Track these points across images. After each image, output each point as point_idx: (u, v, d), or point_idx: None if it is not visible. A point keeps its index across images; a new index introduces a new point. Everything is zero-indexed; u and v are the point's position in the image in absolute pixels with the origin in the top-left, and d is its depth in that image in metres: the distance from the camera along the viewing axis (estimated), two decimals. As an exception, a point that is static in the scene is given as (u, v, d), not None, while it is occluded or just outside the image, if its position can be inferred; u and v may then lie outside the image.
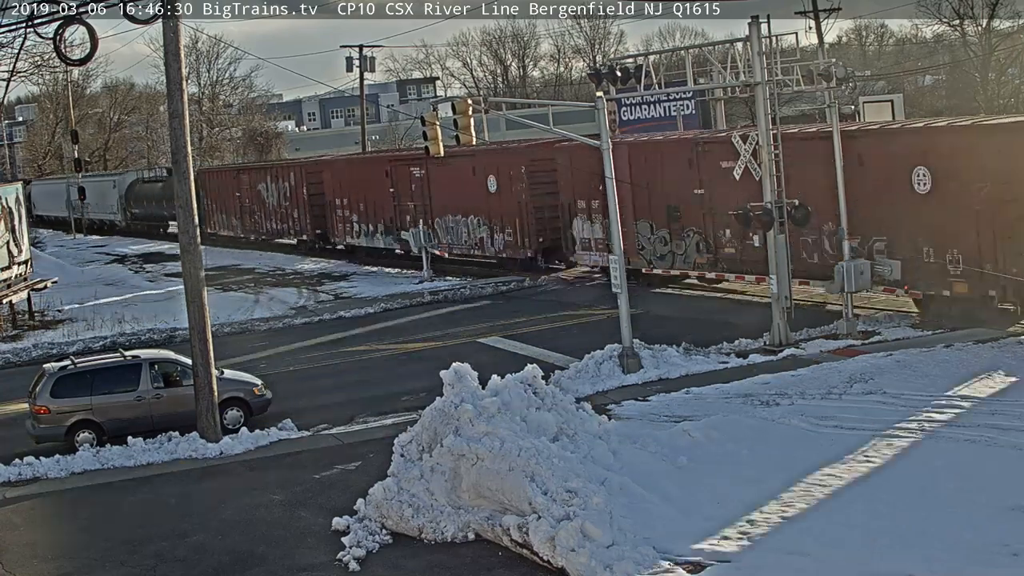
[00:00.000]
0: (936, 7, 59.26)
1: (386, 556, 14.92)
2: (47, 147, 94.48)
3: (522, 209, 37.62)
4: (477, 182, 39.20)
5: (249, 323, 34.11)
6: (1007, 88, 58.22)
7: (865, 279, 25.36)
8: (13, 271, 35.90)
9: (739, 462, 16.55)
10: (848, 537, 13.81)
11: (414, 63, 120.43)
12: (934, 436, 17.03)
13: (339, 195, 47.85)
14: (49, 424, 21.31)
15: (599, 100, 23.91)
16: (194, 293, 21.48)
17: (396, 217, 43.89)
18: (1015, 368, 20.56)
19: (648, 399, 20.83)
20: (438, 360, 22.36)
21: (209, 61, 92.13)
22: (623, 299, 23.37)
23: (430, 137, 23.76)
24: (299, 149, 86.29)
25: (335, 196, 48.15)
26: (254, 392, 22.35)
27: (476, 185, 39.23)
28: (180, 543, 16.15)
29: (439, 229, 41.48)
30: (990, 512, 14.11)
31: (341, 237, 48.17)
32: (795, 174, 25.35)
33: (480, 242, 39.88)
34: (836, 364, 22.02)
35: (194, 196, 21.61)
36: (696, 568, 13.47)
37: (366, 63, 65.10)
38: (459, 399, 16.16)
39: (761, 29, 24.04)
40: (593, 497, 14.46)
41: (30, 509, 18.37)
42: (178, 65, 21.27)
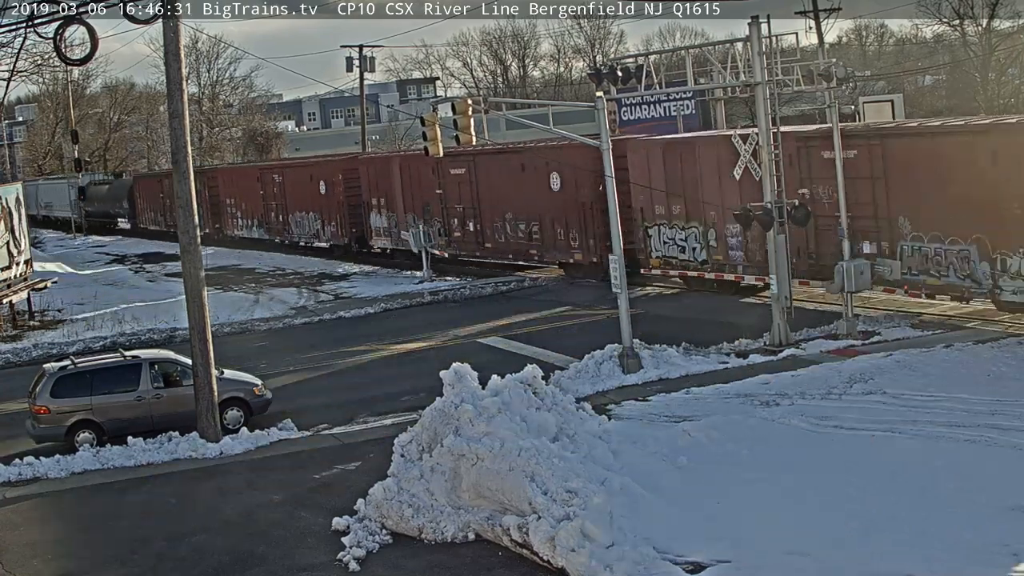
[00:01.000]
0: (936, 7, 59.36)
1: (386, 556, 14.93)
2: (47, 147, 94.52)
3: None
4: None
5: (249, 323, 34.11)
6: (1007, 88, 58.25)
7: (865, 279, 25.36)
8: (13, 271, 35.90)
9: (739, 462, 16.56)
10: (848, 537, 13.81)
11: (414, 63, 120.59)
12: (934, 436, 17.03)
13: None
14: (49, 424, 21.30)
15: (599, 100, 23.91)
16: (194, 293, 21.49)
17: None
18: (1015, 368, 20.57)
19: (648, 399, 20.82)
20: (438, 360, 22.36)
21: (209, 61, 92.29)
22: (623, 299, 23.37)
23: (430, 137, 23.75)
24: (299, 149, 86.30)
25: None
26: (254, 392, 22.35)
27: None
28: (180, 543, 16.15)
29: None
30: (990, 512, 14.12)
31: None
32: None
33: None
34: (836, 364, 22.02)
35: (194, 196, 21.60)
36: (696, 568, 13.48)
37: (366, 63, 65.13)
38: (459, 399, 16.16)
39: (761, 29, 24.04)
40: (593, 497, 14.46)
41: (30, 509, 18.36)
42: (178, 65, 21.28)
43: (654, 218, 32.43)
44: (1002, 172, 23.30)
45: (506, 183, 37.64)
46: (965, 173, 23.78)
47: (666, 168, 31.56)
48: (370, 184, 45.00)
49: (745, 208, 24.71)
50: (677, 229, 31.54)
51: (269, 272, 46.87)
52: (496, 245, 38.67)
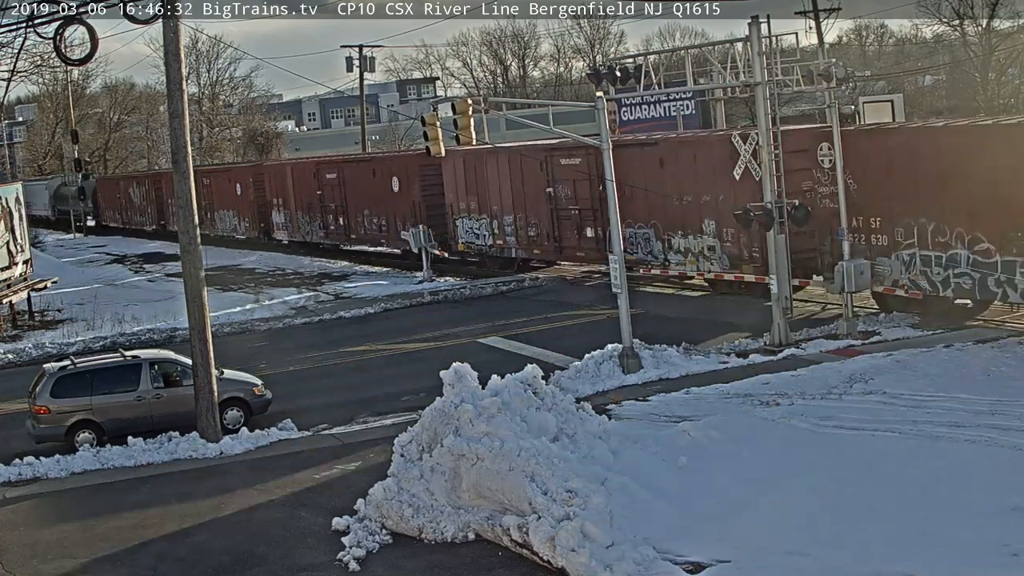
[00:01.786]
0: (936, 7, 59.37)
1: (386, 556, 14.93)
2: (47, 147, 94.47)
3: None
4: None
5: (249, 323, 34.11)
6: (1007, 88, 58.26)
7: (865, 279, 25.37)
8: (13, 271, 35.90)
9: (739, 462, 16.55)
10: (848, 537, 13.81)
11: (414, 63, 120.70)
12: (934, 436, 17.02)
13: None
14: (49, 424, 21.31)
15: (599, 100, 23.91)
16: (194, 293, 21.49)
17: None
18: (1015, 368, 20.57)
19: (648, 399, 20.82)
20: (438, 360, 22.35)
21: (209, 61, 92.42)
22: (623, 299, 23.37)
23: (430, 137, 23.75)
24: (299, 149, 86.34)
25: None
26: (254, 392, 22.35)
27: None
28: (180, 543, 16.15)
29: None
30: (990, 512, 14.11)
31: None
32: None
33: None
34: (836, 364, 22.02)
35: (194, 196, 21.61)
36: (696, 568, 13.48)
37: (366, 63, 65.14)
38: (459, 399, 16.16)
39: (761, 29, 24.04)
40: (593, 497, 14.46)
41: (30, 509, 18.36)
42: (178, 65, 21.28)
43: (459, 212, 40.16)
44: (668, 174, 31.48)
45: (364, 186, 45.10)
46: (647, 176, 31.81)
47: (466, 174, 39.73)
48: (271, 187, 53.28)
49: (746, 208, 24.71)
50: (474, 220, 39.43)
51: (269, 272, 46.91)
52: (359, 235, 46.51)
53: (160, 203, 64.92)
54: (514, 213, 37.83)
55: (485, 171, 38.75)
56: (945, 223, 24.11)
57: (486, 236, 39.11)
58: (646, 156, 32.27)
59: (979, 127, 24.86)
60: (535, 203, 36.79)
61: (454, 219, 40.32)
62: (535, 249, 37.53)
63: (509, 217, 37.98)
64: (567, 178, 35.32)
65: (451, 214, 40.49)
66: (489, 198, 38.68)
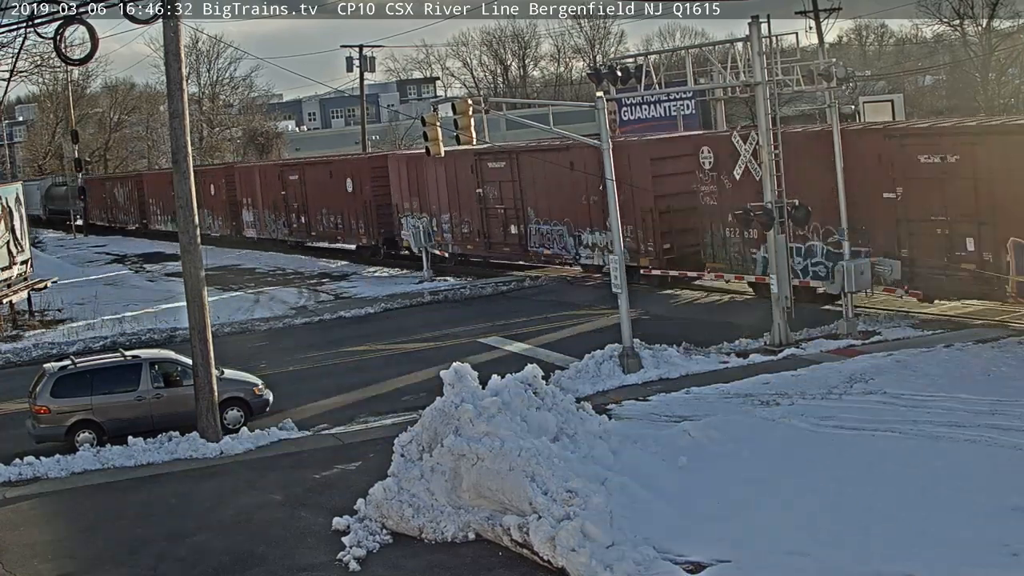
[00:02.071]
0: (936, 7, 59.39)
1: (386, 556, 14.93)
2: (47, 147, 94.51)
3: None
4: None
5: (249, 323, 34.12)
6: (1007, 88, 58.27)
7: (865, 279, 25.37)
8: (13, 271, 35.90)
9: (739, 462, 16.55)
10: (848, 537, 13.81)
11: (414, 63, 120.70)
12: (934, 436, 17.03)
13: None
14: (49, 424, 21.30)
15: (599, 100, 23.91)
16: (194, 293, 21.49)
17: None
18: (1015, 368, 20.57)
19: (648, 399, 20.82)
20: (438, 360, 22.36)
21: (209, 61, 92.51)
22: (623, 299, 23.38)
23: (430, 137, 23.75)
24: (299, 149, 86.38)
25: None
26: (254, 392, 22.34)
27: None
28: (180, 543, 16.15)
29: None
30: (990, 512, 14.11)
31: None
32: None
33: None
34: (836, 364, 22.02)
35: (194, 196, 21.61)
36: (696, 568, 13.48)
37: (366, 63, 65.17)
38: (459, 399, 16.16)
39: (761, 29, 24.04)
40: (593, 497, 14.46)
41: (30, 509, 18.36)
42: (178, 65, 21.28)
43: (404, 211, 42.71)
44: (578, 176, 33.98)
45: (322, 187, 48.31)
46: (562, 178, 35.09)
47: (409, 176, 42.52)
48: (241, 187, 56.36)
49: (746, 208, 24.73)
50: (421, 219, 41.52)
51: (269, 272, 46.93)
52: (318, 232, 49.61)
53: (142, 203, 68.05)
54: (450, 212, 40.68)
55: (425, 174, 41.50)
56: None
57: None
58: (559, 159, 34.72)
59: (825, 133, 26.48)
60: (468, 203, 39.73)
61: (399, 218, 43.02)
62: (468, 245, 40.51)
63: (446, 216, 40.87)
64: (494, 180, 38.42)
65: (397, 213, 43.38)
66: (429, 198, 41.67)
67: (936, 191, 24.68)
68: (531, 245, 37.16)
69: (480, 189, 38.84)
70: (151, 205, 66.62)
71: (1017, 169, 23.18)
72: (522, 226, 37.33)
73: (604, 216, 31.05)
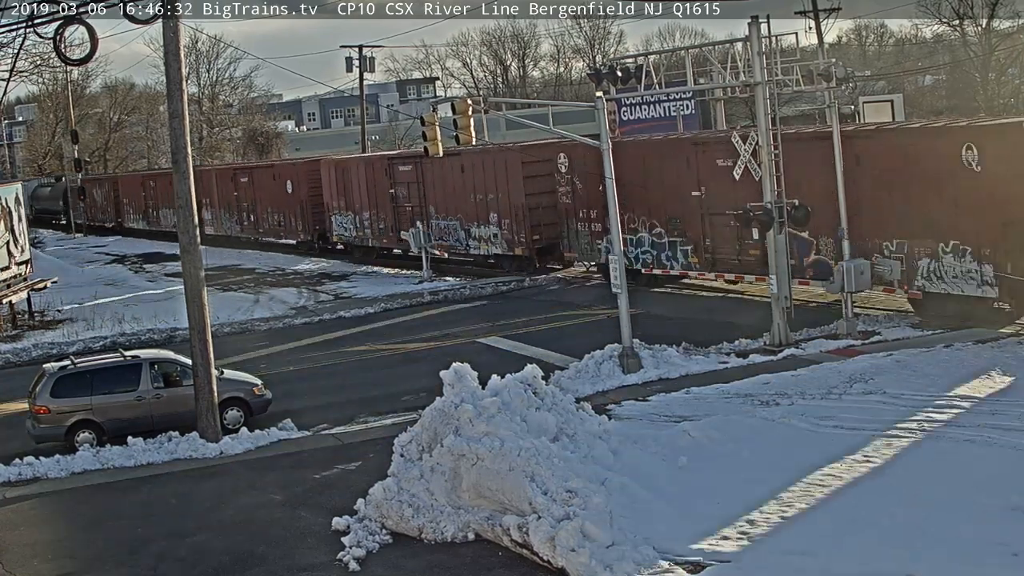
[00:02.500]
0: (936, 7, 59.30)
1: (386, 556, 14.93)
2: (47, 147, 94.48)
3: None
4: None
5: (249, 323, 34.12)
6: (1007, 88, 58.23)
7: (865, 279, 25.37)
8: (13, 271, 35.89)
9: (739, 462, 16.55)
10: (848, 537, 13.81)
11: (414, 63, 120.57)
12: (934, 436, 17.03)
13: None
14: (49, 424, 21.31)
15: (599, 100, 23.91)
16: (194, 293, 21.49)
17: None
18: (1015, 368, 20.57)
19: (648, 399, 20.82)
20: (438, 360, 22.34)
21: (209, 61, 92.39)
22: (623, 299, 23.37)
23: (430, 137, 23.76)
24: (299, 149, 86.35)
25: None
26: (254, 392, 22.35)
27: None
28: (180, 543, 16.15)
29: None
30: (990, 512, 14.12)
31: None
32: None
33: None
34: (836, 364, 22.02)
35: (194, 196, 21.61)
36: (696, 568, 13.48)
37: (366, 63, 65.08)
38: (459, 399, 16.16)
39: (761, 29, 24.04)
40: (593, 497, 14.46)
41: (30, 509, 18.36)
42: (178, 65, 21.28)
43: (334, 209, 47.77)
44: (468, 177, 38.86)
45: (267, 188, 53.51)
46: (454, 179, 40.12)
47: (337, 178, 47.47)
48: (200, 188, 65.02)
49: (746, 208, 24.73)
50: (344, 216, 46.92)
51: (269, 272, 46.94)
52: (265, 229, 54.46)
53: (117, 203, 73.06)
54: (370, 210, 45.40)
55: (350, 176, 46.60)
56: (635, 214, 32.48)
57: (352, 229, 46.86)
58: (453, 163, 39.44)
59: (653, 142, 32.86)
60: (383, 202, 44.51)
61: (330, 215, 48.14)
62: (383, 239, 45.11)
63: (366, 213, 45.62)
64: (404, 182, 43.20)
65: (328, 211, 48.37)
66: (353, 199, 46.46)
67: (729, 189, 28.33)
68: (434, 237, 41.71)
69: (392, 190, 43.77)
70: (125, 205, 72.06)
71: (809, 168, 26.26)
72: (425, 221, 41.74)
73: (488, 213, 38.69)
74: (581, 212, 34.95)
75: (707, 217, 30.65)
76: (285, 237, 53.04)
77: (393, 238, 44.04)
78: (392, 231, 43.91)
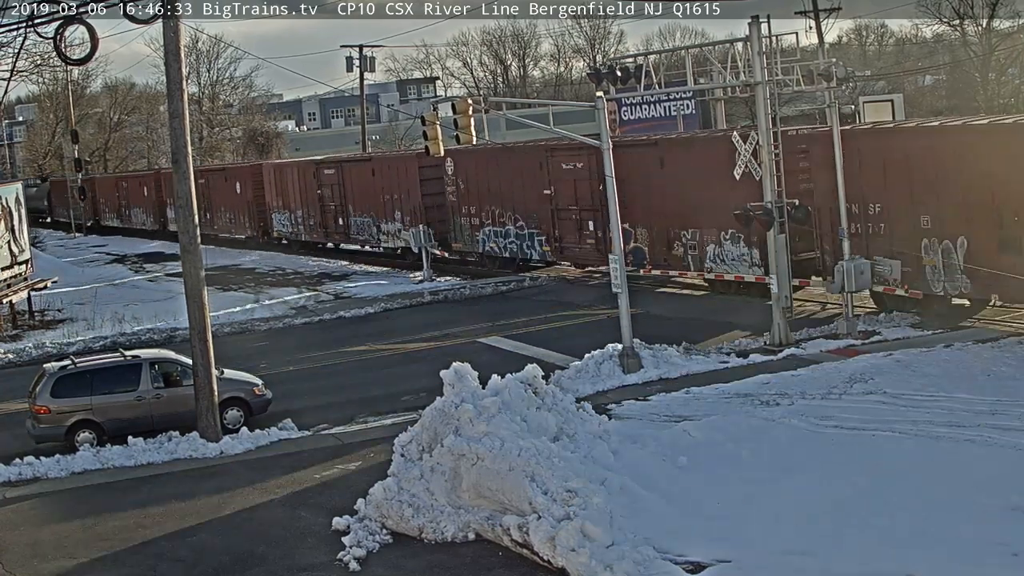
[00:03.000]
0: (936, 7, 59.34)
1: (386, 556, 14.93)
2: (47, 147, 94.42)
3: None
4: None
5: (249, 323, 34.10)
6: (1007, 88, 58.24)
7: (865, 279, 25.38)
8: (13, 271, 35.88)
9: (739, 462, 16.55)
10: (848, 537, 13.81)
11: (414, 63, 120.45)
12: (934, 436, 17.03)
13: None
14: (49, 424, 21.30)
15: (599, 100, 23.89)
16: (194, 293, 21.48)
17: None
18: (1015, 368, 20.57)
19: (648, 399, 20.82)
20: (438, 360, 22.33)
21: (209, 61, 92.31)
22: (623, 299, 23.37)
23: (430, 137, 23.75)
24: (299, 149, 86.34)
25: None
26: (254, 392, 22.34)
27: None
28: (180, 543, 16.15)
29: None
30: (990, 512, 14.12)
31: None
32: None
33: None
34: (836, 364, 22.01)
35: (194, 196, 21.61)
36: (696, 568, 13.48)
37: (366, 63, 65.09)
38: (459, 399, 16.16)
39: (761, 29, 24.04)
40: (593, 497, 14.46)
41: (30, 509, 18.36)
42: (178, 65, 21.28)
43: (274, 208, 53.80)
44: (378, 180, 45.32)
45: (220, 189, 58.85)
46: (365, 183, 46.11)
47: (276, 180, 53.60)
48: (165, 189, 64.81)
49: (746, 208, 24.73)
50: (284, 214, 53.11)
51: (269, 272, 46.96)
52: (219, 226, 58.72)
53: (95, 202, 78.25)
54: (302, 208, 51.48)
55: (286, 179, 52.88)
56: (503, 210, 38.70)
57: (288, 225, 52.90)
58: (367, 168, 46.96)
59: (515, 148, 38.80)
60: (312, 202, 50.42)
61: (271, 213, 54.59)
62: (314, 234, 51.10)
63: (300, 211, 51.75)
64: (328, 184, 49.16)
65: (269, 210, 54.55)
66: (289, 198, 52.67)
67: (571, 189, 35.53)
68: (351, 232, 47.85)
69: (319, 191, 49.78)
70: (101, 204, 78.34)
71: (631, 171, 30.97)
72: (345, 218, 47.92)
73: (394, 211, 44.52)
74: (464, 209, 40.73)
75: (555, 213, 36.36)
76: (235, 233, 57.96)
77: (321, 232, 50.49)
78: (320, 227, 50.33)
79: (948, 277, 24.58)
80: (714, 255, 30.52)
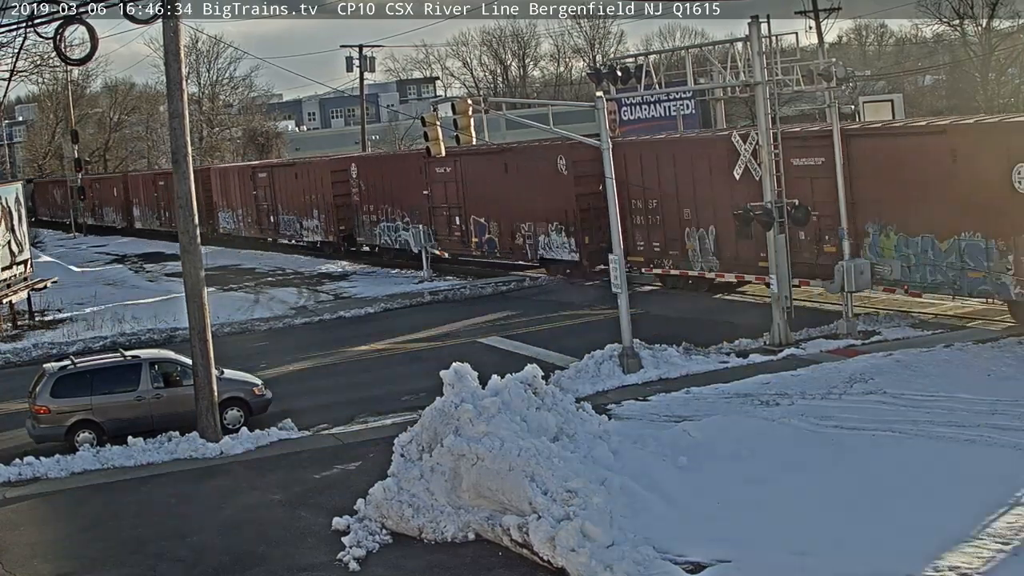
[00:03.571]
0: (936, 7, 59.31)
1: (386, 556, 14.93)
2: (47, 147, 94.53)
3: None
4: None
5: (249, 323, 34.11)
6: (1007, 88, 58.22)
7: (865, 279, 25.38)
8: (13, 271, 35.87)
9: (739, 462, 16.55)
10: (849, 537, 13.81)
11: (414, 63, 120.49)
12: (934, 436, 17.03)
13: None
14: (49, 424, 21.30)
15: (599, 100, 23.88)
16: (194, 293, 21.48)
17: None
18: (1015, 368, 20.58)
19: (648, 399, 20.82)
20: (438, 360, 22.33)
21: (209, 61, 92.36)
22: (623, 299, 23.36)
23: (431, 137, 23.75)
24: (299, 149, 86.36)
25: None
26: (254, 392, 22.34)
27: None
28: (180, 543, 16.15)
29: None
30: (990, 512, 14.11)
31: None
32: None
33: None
34: (836, 364, 22.02)
35: (194, 196, 21.61)
36: (696, 568, 13.48)
37: (366, 63, 65.14)
38: (459, 399, 16.16)
39: (761, 29, 24.03)
40: (593, 497, 14.46)
41: (30, 509, 18.36)
42: (178, 65, 21.28)
43: (220, 207, 59.96)
44: (301, 182, 51.51)
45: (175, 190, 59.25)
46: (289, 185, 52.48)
47: (222, 182, 60.14)
48: (132, 190, 73.35)
49: (746, 208, 24.73)
50: (227, 212, 59.15)
51: (269, 272, 46.96)
52: (176, 224, 58.85)
53: (74, 203, 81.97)
54: (243, 207, 57.77)
55: (229, 180, 59.47)
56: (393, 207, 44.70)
57: (232, 223, 59.18)
58: (291, 171, 53.16)
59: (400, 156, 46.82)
60: (250, 202, 56.74)
61: (217, 212, 60.31)
62: (251, 231, 57.11)
63: (240, 210, 58.20)
64: (261, 186, 55.46)
65: (216, 209, 60.52)
66: (232, 198, 59.06)
67: (444, 190, 41.50)
68: (281, 228, 53.91)
69: (255, 192, 56.12)
70: (81, 205, 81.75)
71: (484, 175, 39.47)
72: (275, 216, 54.16)
73: (312, 209, 50.52)
74: (364, 207, 46.74)
75: (432, 210, 42.19)
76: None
77: (256, 229, 56.69)
78: (256, 224, 56.62)
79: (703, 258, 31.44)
80: (544, 244, 37.37)
